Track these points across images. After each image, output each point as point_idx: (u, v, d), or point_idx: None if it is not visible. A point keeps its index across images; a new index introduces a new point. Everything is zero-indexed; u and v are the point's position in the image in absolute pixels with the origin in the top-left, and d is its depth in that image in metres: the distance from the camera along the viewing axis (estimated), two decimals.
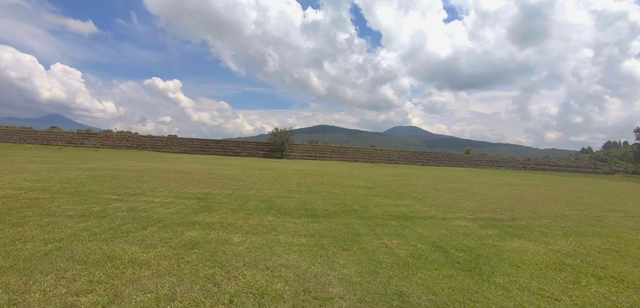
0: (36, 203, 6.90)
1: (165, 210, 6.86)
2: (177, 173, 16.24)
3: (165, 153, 56.47)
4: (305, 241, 5.01)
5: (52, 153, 31.96)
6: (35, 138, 63.87)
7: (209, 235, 5.06)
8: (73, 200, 7.42)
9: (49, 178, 11.36)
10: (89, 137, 65.96)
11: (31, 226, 4.98)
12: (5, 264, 3.37)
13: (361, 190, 12.77)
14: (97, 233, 4.75)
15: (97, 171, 14.88)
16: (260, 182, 13.77)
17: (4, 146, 45.15)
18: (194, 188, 10.85)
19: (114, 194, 8.67)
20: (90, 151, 47.04)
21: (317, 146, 69.83)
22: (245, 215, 6.84)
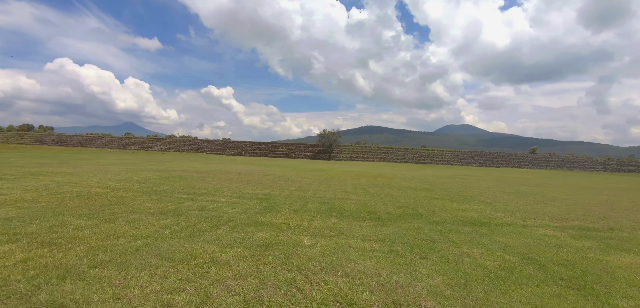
0: (121, 201, 7.58)
1: (232, 210, 7.07)
2: (235, 174, 17.00)
3: (221, 155, 60.08)
4: (378, 247, 4.73)
5: (127, 156, 35.79)
6: (114, 142, 72.32)
7: (278, 236, 5.04)
8: (151, 199, 8.02)
9: (128, 178, 12.57)
10: (157, 141, 72.86)
11: (121, 222, 5.42)
12: (105, 258, 3.62)
13: (421, 193, 12.09)
14: (177, 231, 4.99)
15: (167, 172, 16.17)
16: (315, 184, 13.78)
17: (90, 150, 51.79)
18: (253, 188, 11.18)
19: (184, 193, 9.24)
20: (158, 154, 51.90)
21: (365, 147, 68.86)
22: (309, 216, 6.77)
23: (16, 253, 3.65)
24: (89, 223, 5.22)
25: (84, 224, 5.15)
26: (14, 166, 15.86)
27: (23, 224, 4.96)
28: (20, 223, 5.03)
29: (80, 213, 5.90)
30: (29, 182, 10.04)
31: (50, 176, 12.03)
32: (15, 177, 11.17)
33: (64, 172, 13.70)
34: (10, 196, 7.42)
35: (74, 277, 3.07)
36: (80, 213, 5.90)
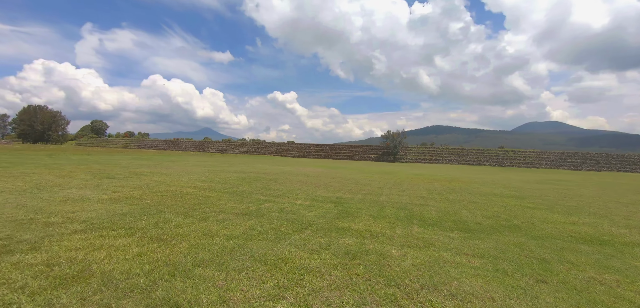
0: (208, 200, 8.18)
1: (310, 213, 7.07)
2: (304, 176, 17.35)
3: (287, 157, 62.65)
4: (479, 263, 4.16)
5: (206, 158, 39.57)
6: (195, 146, 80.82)
7: (363, 244, 4.80)
8: (233, 199, 8.51)
9: (210, 179, 13.69)
10: (230, 145, 79.31)
11: (212, 221, 5.77)
12: (205, 257, 3.81)
13: (510, 201, 10.70)
14: (263, 233, 5.11)
15: (242, 173, 17.27)
16: (386, 187, 13.26)
17: (177, 153, 58.77)
18: (325, 191, 11.17)
19: (261, 195, 9.63)
20: (232, 156, 56.42)
21: (433, 149, 64.96)
22: (389, 224, 6.40)
23: (132, 247, 4.05)
24: (186, 221, 5.66)
25: (182, 222, 5.60)
26: (122, 166, 18.62)
27: (134, 219, 5.60)
28: (133, 218, 5.68)
29: (178, 211, 6.47)
30: (134, 181, 11.57)
31: (149, 176, 13.74)
32: (123, 176, 13.01)
33: (159, 173, 15.56)
34: (123, 193, 8.57)
35: (182, 274, 3.25)
36: (178, 211, 6.47)
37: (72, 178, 11.55)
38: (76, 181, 10.88)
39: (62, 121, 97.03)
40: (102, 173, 14.10)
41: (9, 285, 2.79)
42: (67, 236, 4.37)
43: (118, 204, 7.03)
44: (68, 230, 4.70)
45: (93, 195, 8.18)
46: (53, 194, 8.01)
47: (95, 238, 4.34)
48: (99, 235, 4.50)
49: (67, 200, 7.32)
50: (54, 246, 3.89)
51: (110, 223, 5.22)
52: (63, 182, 10.40)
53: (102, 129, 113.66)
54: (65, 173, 13.43)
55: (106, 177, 12.41)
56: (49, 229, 4.68)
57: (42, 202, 6.89)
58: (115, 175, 13.32)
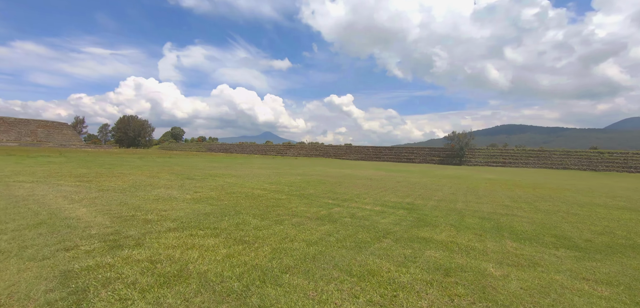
0: (280, 203, 8.34)
1: (384, 220, 6.71)
2: (367, 179, 16.93)
3: (345, 159, 62.58)
4: (609, 293, 3.39)
5: (269, 161, 41.46)
6: (258, 149, 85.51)
7: (453, 258, 4.31)
8: (303, 202, 8.55)
9: (277, 181, 14.12)
10: (290, 148, 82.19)
11: (288, 225, 5.79)
12: (290, 263, 3.75)
13: (621, 213, 8.95)
14: (340, 240, 4.93)
15: (305, 176, 17.54)
16: (459, 193, 12.20)
17: (242, 156, 62.87)
18: (393, 196, 10.67)
19: (329, 198, 9.53)
20: (292, 159, 58.35)
21: (506, 150, 58.83)
22: (475, 235, 5.73)
23: (220, 248, 4.19)
24: (263, 224, 5.77)
25: (260, 224, 5.72)
26: (198, 168, 20.37)
27: (217, 220, 5.89)
28: (215, 218, 5.99)
29: (254, 213, 6.67)
30: (210, 182, 12.45)
31: (222, 177, 14.72)
32: (201, 177, 14.14)
33: (230, 174, 16.61)
34: (202, 194, 9.22)
35: (272, 281, 3.21)
36: (254, 213, 6.66)
37: (159, 178, 12.89)
38: (163, 181, 12.10)
39: (148, 128, 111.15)
40: (183, 174, 15.54)
41: (123, 280, 3.02)
42: (164, 233, 4.72)
43: (200, 204, 7.53)
44: (163, 227, 5.10)
45: (178, 194, 8.94)
46: (146, 192, 8.96)
47: (186, 237, 4.62)
48: (189, 234, 4.78)
49: (158, 198, 8.10)
50: (154, 243, 4.21)
51: (197, 223, 5.54)
52: (153, 182, 11.65)
53: (180, 135, 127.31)
54: (153, 173, 15.10)
55: (186, 178, 13.61)
56: (148, 226, 5.13)
57: (139, 200, 7.72)
58: (193, 176, 14.55)
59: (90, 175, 13.19)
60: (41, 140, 72.72)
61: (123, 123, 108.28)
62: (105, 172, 14.75)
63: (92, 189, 9.15)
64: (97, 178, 12.06)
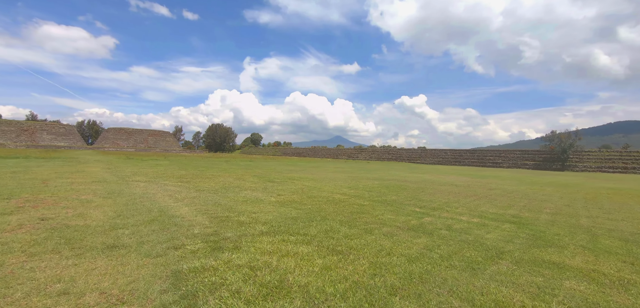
0: (363, 209, 7.91)
1: (489, 235, 5.74)
2: (451, 186, 15.37)
3: (420, 163, 59.12)
4: None
5: (342, 164, 41.51)
6: (330, 153, 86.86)
7: (608, 295, 3.29)
8: (388, 210, 7.97)
9: (354, 186, 13.74)
10: (361, 151, 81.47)
11: (378, 235, 5.32)
12: (395, 283, 3.29)
13: None
14: (445, 258, 4.26)
15: (382, 180, 16.80)
16: (577, 205, 10.07)
17: (315, 160, 64.53)
18: (489, 206, 9.32)
19: (415, 206, 8.75)
20: (364, 162, 57.54)
21: (628, 154, 48.16)
22: (624, 263, 4.42)
23: (315, 257, 3.95)
24: (353, 232, 5.41)
25: (349, 232, 5.37)
26: (276, 171, 21.30)
27: (305, 225, 5.74)
28: (303, 224, 5.86)
29: (340, 220, 6.38)
30: (290, 185, 12.72)
31: (300, 180, 14.99)
32: (281, 180, 14.62)
33: (307, 177, 16.86)
34: (285, 197, 9.37)
35: (381, 304, 2.80)
36: (341, 220, 6.37)
37: (244, 181, 13.71)
38: (248, 183, 12.80)
39: (232, 134, 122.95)
40: (264, 177, 16.34)
41: (227, 287, 2.96)
42: (258, 237, 4.72)
43: (286, 207, 7.57)
44: (256, 230, 5.14)
45: (263, 196, 9.24)
46: (235, 194, 9.49)
47: (279, 242, 4.52)
48: (281, 239, 4.68)
49: (246, 200, 8.45)
50: (251, 247, 4.19)
51: (286, 227, 5.47)
52: (239, 184, 12.41)
53: (258, 140, 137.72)
54: (238, 176, 16.20)
55: (268, 181, 14.20)
56: (242, 228, 5.23)
57: (230, 201, 8.15)
58: (274, 179, 15.14)
59: (188, 177, 14.76)
60: (150, 146, 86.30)
61: (211, 131, 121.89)
62: (199, 174, 16.38)
63: (190, 190, 10.08)
64: (194, 180, 13.39)
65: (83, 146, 78.38)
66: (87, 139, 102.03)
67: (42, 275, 3.09)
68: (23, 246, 3.95)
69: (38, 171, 14.77)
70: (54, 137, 76.42)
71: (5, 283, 2.91)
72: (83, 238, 4.38)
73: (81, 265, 3.38)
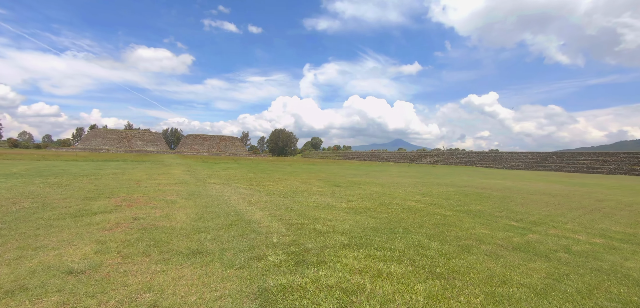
0: (447, 220, 6.97)
1: (628, 263, 4.42)
2: (544, 194, 13.14)
3: (494, 168, 53.39)
4: None
5: (405, 169, 39.50)
6: (391, 157, 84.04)
7: None
8: (477, 222, 6.90)
9: (427, 192, 12.59)
10: (425, 155, 77.10)
11: (479, 254, 4.46)
12: None
13: None
14: (584, 293, 3.27)
15: (456, 187, 15.20)
16: None
17: (376, 164, 62.93)
18: (608, 222, 7.54)
19: (508, 218, 7.47)
20: (428, 166, 54.15)
21: None
22: None
23: (413, 281, 3.34)
24: (446, 249, 4.63)
25: (443, 249, 4.61)
26: (340, 175, 20.93)
27: (389, 238, 5.13)
28: (386, 236, 5.25)
29: (426, 233, 5.61)
30: (357, 190, 12.16)
31: (367, 185, 14.32)
32: (346, 185, 14.14)
33: (373, 182, 16.10)
34: (357, 203, 8.83)
35: None
36: (427, 233, 5.60)
37: (310, 185, 13.56)
38: (314, 188, 12.59)
39: (293, 139, 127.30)
40: (329, 181, 16.07)
41: None
42: (340, 250, 4.27)
43: (361, 215, 7.03)
44: (336, 241, 4.70)
45: (333, 202, 8.84)
46: (305, 199, 9.27)
47: (366, 258, 4.00)
48: (367, 254, 4.16)
49: (317, 206, 8.13)
50: (336, 262, 3.75)
51: (368, 240, 4.93)
52: (306, 188, 12.28)
53: (318, 144, 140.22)
54: (304, 180, 16.19)
55: (334, 185, 13.84)
56: (320, 238, 4.84)
57: (301, 206, 7.92)
58: (339, 183, 14.74)
59: (257, 180, 15.21)
60: (221, 150, 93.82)
61: (274, 135, 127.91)
62: (266, 177, 16.80)
63: (261, 193, 10.19)
64: (262, 183, 13.68)
65: (167, 150, 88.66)
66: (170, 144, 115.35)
67: (134, 281, 3.05)
68: (118, 247, 4.10)
69: (133, 172, 16.69)
70: (145, 143, 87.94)
71: (102, 287, 2.90)
72: (170, 241, 4.43)
73: (169, 272, 3.30)
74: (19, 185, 9.91)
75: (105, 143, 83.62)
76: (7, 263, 3.43)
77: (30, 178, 12.28)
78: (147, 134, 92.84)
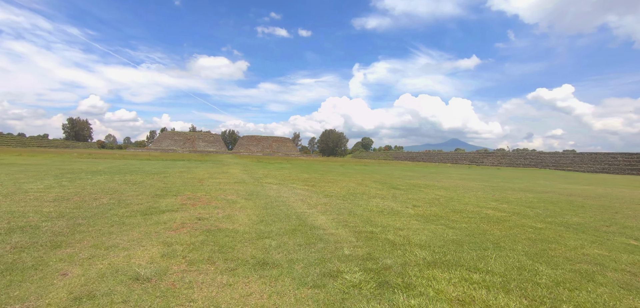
0: (542, 235, 5.77)
1: None
2: None
3: (572, 171, 46.73)
4: None
5: (466, 170, 36.40)
6: (447, 157, 78.94)
7: None
8: (583, 239, 5.59)
9: (503, 198, 11.05)
10: (487, 155, 70.89)
11: (612, 287, 3.41)
12: None
13: None
14: None
15: (537, 193, 13.21)
16: None
17: (432, 165, 59.50)
18: None
19: (619, 234, 5.98)
20: (493, 169, 49.42)
21: None
22: None
23: None
24: (562, 276, 3.63)
25: (556, 276, 3.62)
26: (395, 177, 19.77)
27: (479, 255, 4.26)
28: (474, 251, 4.39)
29: (524, 251, 4.60)
30: (419, 194, 11.12)
31: (428, 189, 13.12)
32: (406, 188, 13.13)
33: (435, 186, 14.78)
34: (424, 209, 7.92)
35: None
36: (525, 251, 4.59)
37: (367, 187, 12.84)
38: (372, 190, 11.84)
39: (344, 139, 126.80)
40: (385, 183, 15.16)
41: None
42: (426, 269, 3.56)
43: (434, 224, 6.18)
44: (417, 257, 4.00)
45: (398, 207, 8.05)
46: (365, 202, 8.62)
47: (460, 282, 3.25)
48: (461, 277, 3.39)
49: (381, 211, 7.44)
50: (428, 287, 3.07)
51: (455, 256, 4.13)
52: (364, 190, 11.60)
53: (369, 144, 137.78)
54: (359, 181, 15.50)
55: (392, 187, 12.94)
56: (397, 252, 4.18)
57: (364, 210, 7.30)
58: (397, 186, 13.77)
59: (312, 180, 14.93)
60: (274, 151, 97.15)
61: (325, 136, 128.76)
62: (321, 178, 16.46)
63: (319, 195, 9.78)
64: (318, 183, 13.33)
65: (225, 151, 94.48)
66: (228, 145, 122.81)
67: (200, 296, 2.73)
68: (184, 251, 3.91)
69: (196, 171, 17.63)
70: (206, 144, 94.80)
71: (166, 301, 2.61)
72: (234, 246, 4.15)
73: (236, 287, 2.94)
74: (101, 182, 10.83)
75: (173, 144, 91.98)
76: (80, 263, 3.39)
77: (111, 175, 13.50)
78: (208, 135, 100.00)
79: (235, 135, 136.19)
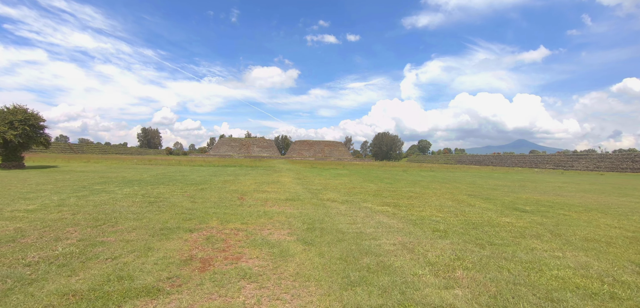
0: None
1: None
2: None
3: None
4: None
5: (568, 177, 29.20)
6: (522, 161, 68.52)
7: None
8: None
9: None
10: (578, 158, 59.51)
11: None
12: None
13: None
14: None
15: None
16: None
17: (512, 171, 51.19)
18: None
19: None
20: (593, 174, 40.16)
21: None
22: None
23: None
24: None
25: None
26: (488, 188, 15.02)
27: None
28: None
29: None
30: (582, 226, 6.78)
31: (560, 208, 8.52)
32: (538, 211, 8.71)
33: (568, 203, 9.99)
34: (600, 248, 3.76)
35: None
36: None
37: (469, 206, 8.74)
38: (492, 215, 7.75)
39: (398, 142, 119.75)
40: (489, 198, 10.80)
41: None
42: None
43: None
44: None
45: (543, 248, 3.99)
46: (489, 236, 4.71)
47: None
48: None
49: (532, 262, 3.50)
50: None
51: None
52: (467, 210, 7.60)
53: (426, 147, 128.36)
54: (452, 197, 11.36)
55: (514, 209, 8.62)
56: None
57: (516, 265, 3.47)
58: (518, 206, 9.39)
59: (384, 194, 11.25)
60: (326, 155, 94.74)
61: (378, 139, 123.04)
62: (394, 191, 12.61)
63: (416, 225, 6.09)
64: (399, 201, 9.56)
65: (278, 156, 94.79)
66: (281, 150, 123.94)
67: None
68: None
69: (243, 181, 15.08)
70: (260, 149, 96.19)
71: None
72: None
73: None
74: (114, 201, 8.48)
75: (229, 149, 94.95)
76: None
77: (142, 186, 11.40)
78: (262, 141, 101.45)
79: (288, 140, 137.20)
